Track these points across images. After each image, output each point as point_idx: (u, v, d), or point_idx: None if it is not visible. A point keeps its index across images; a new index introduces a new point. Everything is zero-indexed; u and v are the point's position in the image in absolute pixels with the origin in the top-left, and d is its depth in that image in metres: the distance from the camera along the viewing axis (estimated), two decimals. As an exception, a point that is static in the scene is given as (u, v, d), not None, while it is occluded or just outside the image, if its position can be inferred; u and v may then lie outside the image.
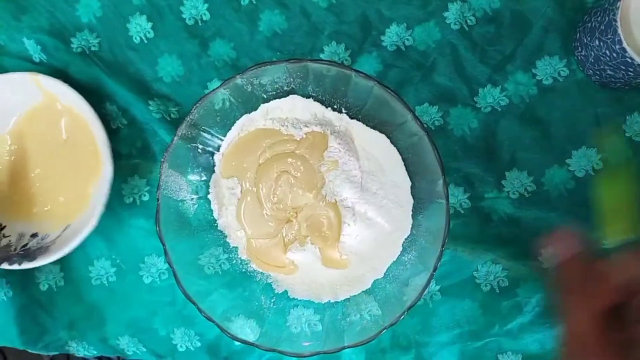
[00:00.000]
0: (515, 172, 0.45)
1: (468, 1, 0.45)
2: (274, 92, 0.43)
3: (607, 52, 0.39)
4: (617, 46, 0.38)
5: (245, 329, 0.42)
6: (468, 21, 0.45)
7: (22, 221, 0.48)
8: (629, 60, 0.38)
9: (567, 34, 0.44)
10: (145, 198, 0.48)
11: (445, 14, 0.45)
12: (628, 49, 0.37)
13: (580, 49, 0.43)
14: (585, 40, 0.41)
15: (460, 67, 0.45)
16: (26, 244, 0.47)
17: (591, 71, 0.43)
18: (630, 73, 0.39)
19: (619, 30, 0.37)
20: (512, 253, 0.45)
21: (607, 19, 0.38)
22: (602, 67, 0.41)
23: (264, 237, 0.44)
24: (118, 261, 0.48)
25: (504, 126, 0.45)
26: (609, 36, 0.38)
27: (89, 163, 0.46)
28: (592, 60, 0.41)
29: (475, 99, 0.45)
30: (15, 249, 0.46)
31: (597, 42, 0.40)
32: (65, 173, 0.47)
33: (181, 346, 0.48)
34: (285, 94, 0.43)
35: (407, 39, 0.46)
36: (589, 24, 0.41)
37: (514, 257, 0.45)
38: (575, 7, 0.44)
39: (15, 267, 0.45)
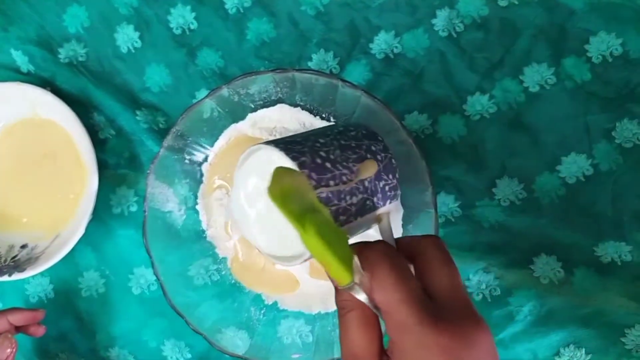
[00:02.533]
0: (506, 179, 0.45)
1: (456, 8, 0.45)
2: (262, 102, 0.43)
3: None
4: None
5: (236, 340, 0.42)
6: (456, 28, 0.45)
7: (11, 232, 0.48)
8: None
9: (555, 42, 0.44)
10: (134, 208, 0.48)
11: (434, 21, 0.45)
12: None
13: None
14: None
15: (449, 74, 0.45)
16: (16, 255, 0.47)
17: None
18: None
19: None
20: (503, 261, 0.44)
21: None
22: None
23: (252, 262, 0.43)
24: (107, 272, 0.48)
25: (494, 133, 0.45)
26: None
27: (74, 174, 0.47)
28: None
29: (464, 106, 0.45)
30: (5, 261, 0.46)
31: None
32: (51, 184, 0.47)
33: (171, 357, 0.48)
34: (273, 103, 0.43)
35: (396, 47, 0.45)
36: None
37: (505, 265, 0.44)
38: (562, 15, 0.44)
39: (6, 278, 0.44)
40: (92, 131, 0.47)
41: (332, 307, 0.43)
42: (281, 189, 0.25)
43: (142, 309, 0.48)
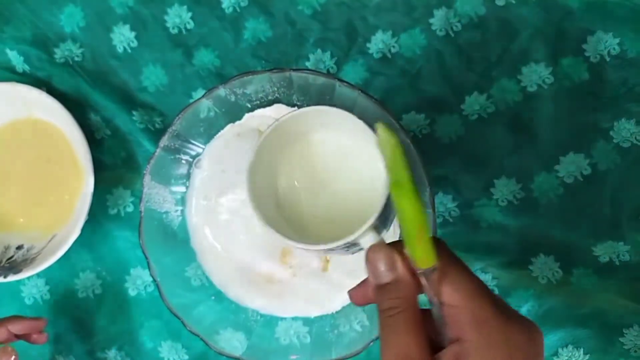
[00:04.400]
0: (504, 179, 0.45)
1: (454, 7, 0.44)
2: (259, 102, 0.42)
3: None
4: None
5: (233, 342, 0.41)
6: (454, 27, 0.45)
7: (7, 233, 0.48)
8: None
9: (553, 41, 0.44)
10: (130, 209, 0.47)
11: (431, 21, 0.45)
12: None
13: None
14: None
15: (447, 74, 0.45)
16: (12, 257, 0.47)
17: None
18: None
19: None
20: (502, 261, 0.44)
21: None
22: None
23: None
24: (103, 273, 0.48)
25: (491, 133, 0.45)
26: None
27: (70, 174, 0.46)
28: None
29: (461, 106, 0.45)
30: (0, 262, 0.46)
31: None
32: (47, 185, 0.47)
33: (168, 359, 0.47)
34: (270, 103, 0.43)
35: (393, 46, 0.45)
36: None
37: (503, 266, 0.44)
38: (560, 14, 0.44)
39: (1, 280, 0.44)
40: (88, 131, 0.46)
41: (330, 309, 0.43)
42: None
43: (139, 310, 0.47)
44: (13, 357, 0.41)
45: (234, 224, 0.43)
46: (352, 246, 0.30)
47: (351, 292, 0.30)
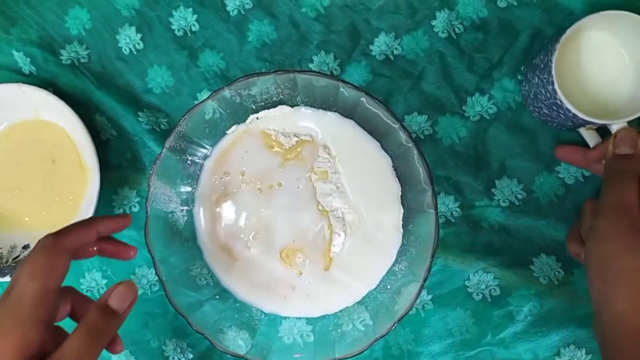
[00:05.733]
0: (505, 180, 0.45)
1: (456, 10, 0.45)
2: (263, 103, 0.43)
3: (543, 90, 0.40)
4: (550, 86, 0.38)
5: (238, 340, 0.42)
6: (456, 29, 0.45)
7: (13, 233, 0.48)
8: (559, 102, 0.38)
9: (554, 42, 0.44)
10: (136, 209, 0.48)
11: (433, 23, 0.45)
12: (558, 90, 0.38)
13: (524, 84, 0.43)
14: (528, 76, 0.42)
15: (449, 75, 0.45)
16: (18, 256, 0.47)
17: (531, 107, 0.43)
18: (561, 115, 0.39)
19: (553, 71, 0.38)
20: (503, 262, 0.45)
21: (546, 58, 0.39)
22: (539, 104, 0.41)
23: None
24: (109, 273, 0.48)
25: (493, 134, 0.45)
26: (545, 75, 0.39)
27: (75, 175, 0.47)
28: (532, 97, 0.42)
29: (463, 107, 0.45)
30: (7, 261, 0.46)
31: (536, 79, 0.40)
32: (53, 185, 0.47)
33: (173, 357, 0.48)
34: (275, 104, 0.43)
35: (396, 48, 0.46)
36: (534, 61, 0.42)
37: (505, 266, 0.45)
38: (561, 16, 0.44)
39: (7, 279, 0.44)
40: (94, 132, 0.47)
41: (332, 308, 0.43)
42: None
43: (144, 309, 0.48)
44: (136, 291, 0.35)
45: (239, 224, 0.43)
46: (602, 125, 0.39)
47: (561, 148, 0.43)
